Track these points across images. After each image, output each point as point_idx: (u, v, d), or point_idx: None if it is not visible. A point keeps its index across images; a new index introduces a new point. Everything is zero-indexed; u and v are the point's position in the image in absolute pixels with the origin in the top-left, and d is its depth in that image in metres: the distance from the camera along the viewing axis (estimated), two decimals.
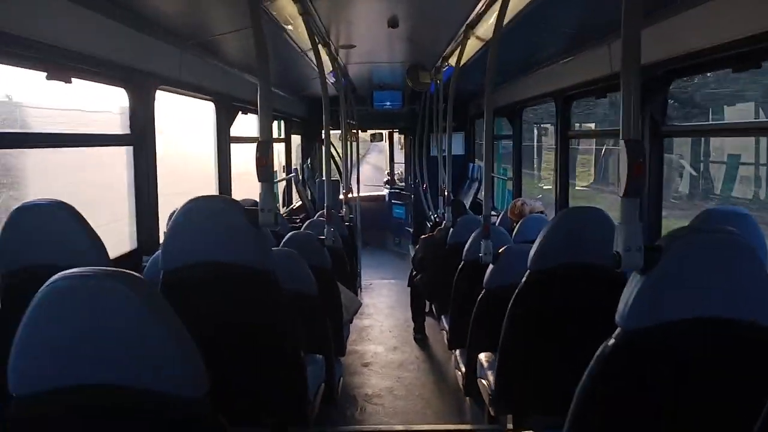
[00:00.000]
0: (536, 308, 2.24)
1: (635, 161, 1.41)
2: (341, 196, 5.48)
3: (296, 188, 7.19)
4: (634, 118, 1.43)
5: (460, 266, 3.53)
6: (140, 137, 2.97)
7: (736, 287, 1.37)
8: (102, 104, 2.99)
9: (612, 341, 1.42)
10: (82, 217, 1.88)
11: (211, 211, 1.93)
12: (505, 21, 2.92)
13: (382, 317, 5.94)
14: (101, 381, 1.08)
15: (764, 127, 4.07)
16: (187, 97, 3.84)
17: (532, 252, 2.21)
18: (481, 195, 3.81)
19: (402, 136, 9.98)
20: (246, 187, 4.53)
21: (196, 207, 1.93)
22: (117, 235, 3.12)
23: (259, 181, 1.94)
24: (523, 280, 2.24)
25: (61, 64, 2.30)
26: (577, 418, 1.48)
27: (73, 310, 1.07)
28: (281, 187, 7.12)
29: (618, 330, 1.42)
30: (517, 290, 2.26)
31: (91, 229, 1.87)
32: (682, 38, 2.58)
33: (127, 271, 1.12)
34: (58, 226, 1.85)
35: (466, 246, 3.52)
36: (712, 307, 1.37)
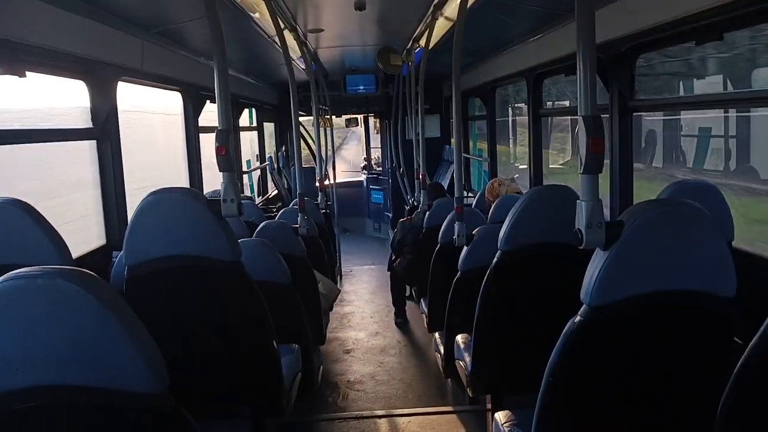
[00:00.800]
0: (508, 288, 2.25)
1: (594, 137, 1.40)
2: (317, 183, 5.43)
3: (271, 177, 7.12)
4: (592, 94, 1.43)
5: (436, 249, 3.54)
6: (103, 130, 2.89)
7: (695, 259, 1.39)
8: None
9: (578, 318, 1.44)
10: (41, 215, 1.82)
11: (174, 204, 1.89)
12: (471, 0, 2.89)
13: (363, 303, 5.94)
14: (54, 382, 1.06)
15: (733, 99, 4.11)
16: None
17: (501, 233, 2.21)
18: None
19: (377, 120, 9.93)
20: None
21: (157, 200, 1.89)
22: (88, 230, 3.05)
23: (221, 170, 1.90)
24: (494, 261, 2.24)
25: (13, 58, 2.22)
26: (548, 395, 1.50)
27: (21, 310, 1.04)
28: (256, 176, 7.04)
29: (583, 307, 1.43)
30: (488, 271, 2.26)
31: (51, 227, 1.82)
32: (644, 13, 2.59)
33: (79, 269, 1.09)
34: (15, 225, 1.78)
35: (442, 229, 3.53)
36: (672, 280, 1.39)
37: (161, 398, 1.10)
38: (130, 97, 3.45)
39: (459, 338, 2.90)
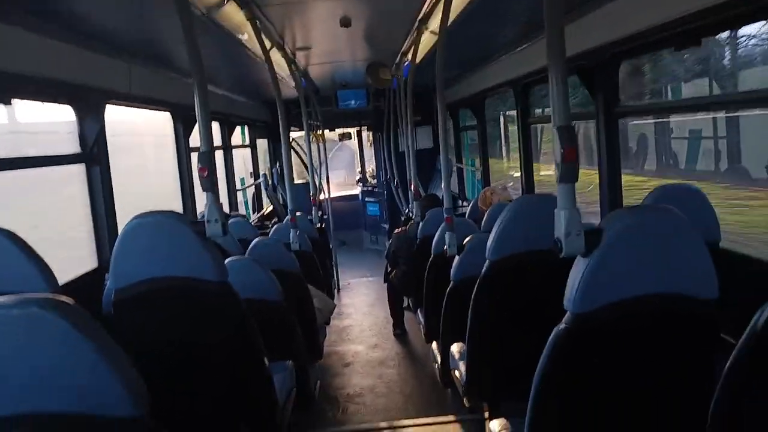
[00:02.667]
0: (497, 297, 2.26)
1: (567, 147, 1.43)
2: (311, 199, 5.45)
3: (266, 193, 7.14)
4: (565, 106, 1.45)
5: (430, 260, 3.55)
6: (92, 154, 2.92)
7: (676, 263, 1.40)
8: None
9: (562, 326, 1.45)
10: (24, 241, 1.81)
11: (157, 226, 1.90)
12: (456, 13, 2.93)
13: (361, 316, 5.94)
14: (32, 409, 1.06)
15: (718, 102, 4.16)
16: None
17: (489, 242, 2.23)
18: (452, 188, 3.84)
19: (370, 134, 9.99)
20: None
21: (141, 223, 1.90)
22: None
23: (204, 191, 1.92)
24: (483, 270, 2.25)
25: (1, 86, 2.24)
26: (537, 402, 1.50)
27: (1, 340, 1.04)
28: (250, 193, 7.06)
29: (567, 314, 1.44)
30: (478, 281, 2.27)
31: (36, 254, 1.82)
32: (626, 20, 2.63)
33: (55, 296, 1.09)
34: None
35: (435, 239, 3.54)
36: (653, 285, 1.40)
37: (141, 422, 1.10)
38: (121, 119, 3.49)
39: (454, 347, 2.90)
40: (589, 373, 1.49)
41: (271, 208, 7.13)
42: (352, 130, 9.45)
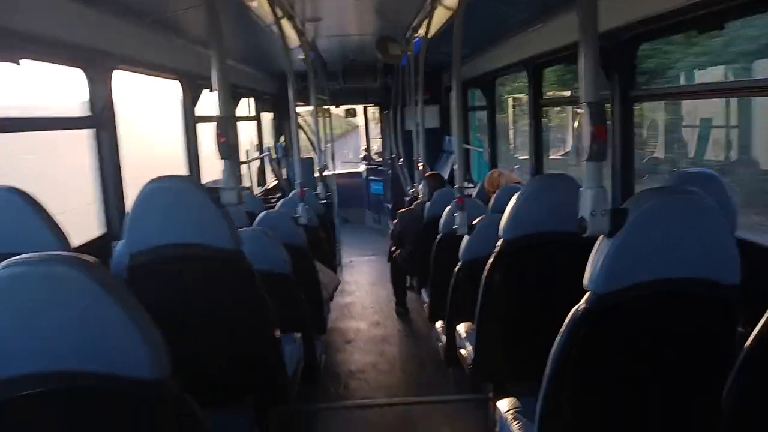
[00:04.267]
0: (509, 277, 2.25)
1: (598, 124, 1.40)
2: (316, 174, 5.41)
3: (270, 167, 7.09)
4: (595, 81, 1.42)
5: (438, 239, 3.53)
6: (101, 119, 2.87)
7: (700, 247, 1.39)
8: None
9: (582, 305, 1.43)
10: (39, 203, 1.80)
11: (174, 192, 1.88)
12: None
13: (363, 294, 5.94)
14: (59, 368, 1.06)
15: (734, 88, 4.10)
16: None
17: (503, 221, 2.21)
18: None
19: (377, 110, 9.90)
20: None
21: (158, 188, 1.88)
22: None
23: (222, 158, 1.89)
24: (496, 249, 2.24)
25: (8, 45, 2.20)
26: (553, 382, 1.50)
27: (22, 297, 1.03)
28: (255, 166, 7.02)
29: (587, 294, 1.43)
30: (490, 260, 2.26)
31: (49, 215, 1.81)
32: (646, 2, 2.57)
33: (80, 254, 1.08)
34: (13, 213, 1.77)
35: (442, 219, 3.52)
36: (677, 268, 1.39)
37: (164, 383, 1.10)
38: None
39: (461, 327, 2.90)
40: (608, 353, 1.48)
41: (275, 182, 7.09)
42: (359, 107, 9.36)
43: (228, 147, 1.89)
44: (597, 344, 1.46)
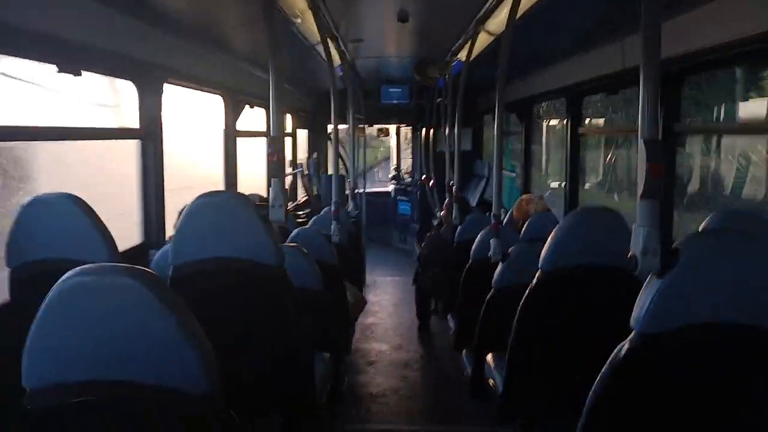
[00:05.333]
0: (547, 309, 2.20)
1: (654, 162, 1.37)
2: (347, 192, 5.44)
3: (302, 183, 7.16)
4: (655, 117, 1.39)
5: (468, 265, 3.49)
6: (148, 130, 2.95)
7: (753, 292, 1.34)
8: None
9: (627, 345, 1.39)
10: (92, 210, 1.86)
11: (222, 207, 1.91)
12: (517, 15, 2.87)
13: (386, 315, 5.90)
14: (115, 377, 1.08)
15: None
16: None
17: (544, 252, 2.17)
18: (489, 193, 3.78)
19: (408, 131, 9.95)
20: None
21: (206, 202, 1.92)
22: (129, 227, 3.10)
23: (270, 176, 1.92)
24: (535, 280, 2.20)
25: (71, 57, 2.28)
26: (590, 424, 1.45)
27: (88, 306, 1.06)
28: (287, 181, 7.09)
29: (633, 333, 1.38)
30: (527, 290, 2.22)
31: (101, 222, 1.86)
32: (697, 34, 2.53)
33: (141, 267, 1.10)
34: (68, 219, 1.84)
35: (475, 244, 3.48)
36: (728, 312, 1.34)
37: (214, 398, 1.11)
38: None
39: (490, 357, 2.85)
40: (650, 397, 1.43)
41: (305, 197, 7.14)
42: (391, 127, 9.42)
43: (278, 165, 1.91)
44: (639, 386, 1.41)
